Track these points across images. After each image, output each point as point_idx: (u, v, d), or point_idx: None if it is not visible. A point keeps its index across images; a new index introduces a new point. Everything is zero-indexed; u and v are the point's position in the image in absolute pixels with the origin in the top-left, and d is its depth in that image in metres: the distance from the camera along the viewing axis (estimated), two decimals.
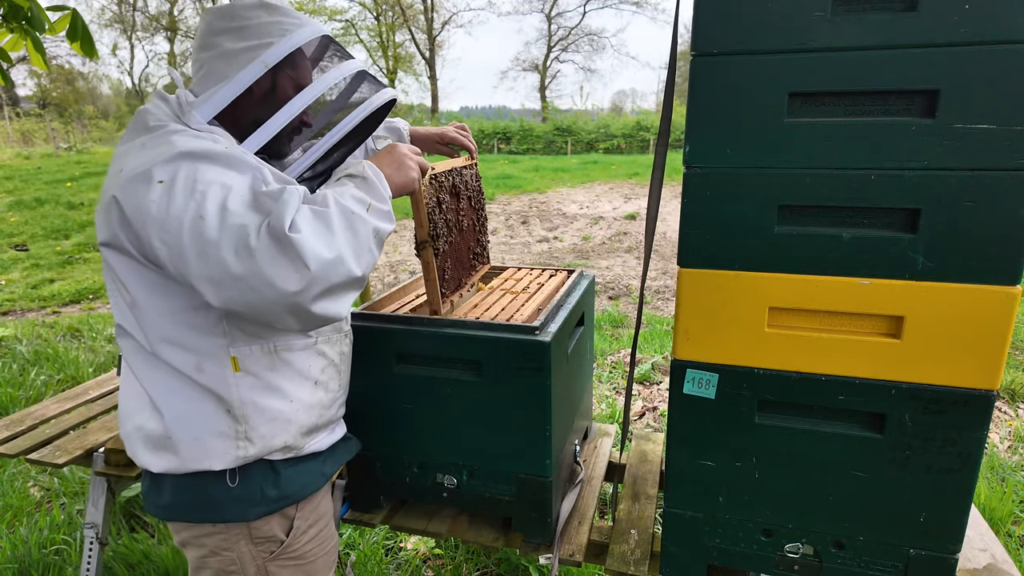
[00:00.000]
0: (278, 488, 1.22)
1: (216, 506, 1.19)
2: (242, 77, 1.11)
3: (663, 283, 6.56)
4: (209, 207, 0.99)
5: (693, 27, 1.10)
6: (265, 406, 1.17)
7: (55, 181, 13.79)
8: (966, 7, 0.97)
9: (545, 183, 15.11)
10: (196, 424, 1.15)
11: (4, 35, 2.52)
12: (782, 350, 1.19)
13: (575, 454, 1.73)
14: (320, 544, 1.33)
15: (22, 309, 5.98)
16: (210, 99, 1.11)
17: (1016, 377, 3.83)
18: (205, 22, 1.16)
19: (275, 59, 1.12)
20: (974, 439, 1.13)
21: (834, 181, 1.09)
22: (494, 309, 1.59)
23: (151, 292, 1.09)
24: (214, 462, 1.16)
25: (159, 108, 1.13)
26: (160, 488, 1.22)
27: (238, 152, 1.07)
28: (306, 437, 1.26)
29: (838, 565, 1.27)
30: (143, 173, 1.02)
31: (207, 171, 1.02)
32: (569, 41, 41.17)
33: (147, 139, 1.08)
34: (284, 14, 1.15)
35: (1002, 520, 2.51)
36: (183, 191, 1.00)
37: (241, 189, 1.02)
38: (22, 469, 2.96)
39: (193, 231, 0.98)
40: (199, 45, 1.16)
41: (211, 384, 1.13)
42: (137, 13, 38.37)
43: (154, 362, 1.14)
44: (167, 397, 1.14)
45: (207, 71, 1.14)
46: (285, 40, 1.12)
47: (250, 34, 1.12)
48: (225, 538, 1.22)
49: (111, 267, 1.11)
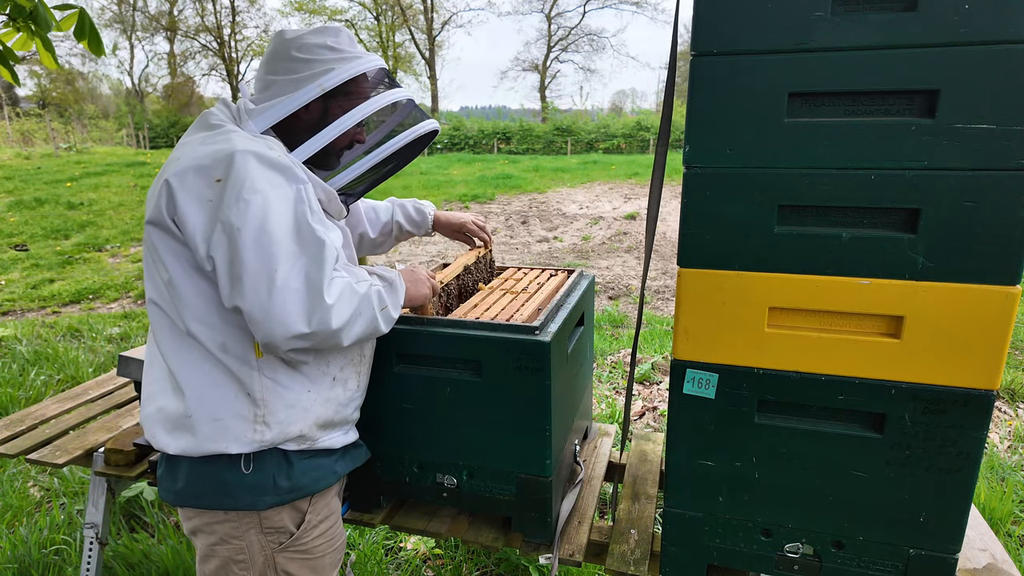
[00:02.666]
0: (290, 479, 1.26)
1: (229, 492, 1.22)
2: (298, 96, 1.24)
3: (663, 283, 6.56)
4: (250, 222, 1.10)
5: (693, 27, 1.10)
6: (284, 392, 1.23)
7: (55, 181, 13.80)
8: (966, 7, 0.97)
9: (545, 183, 15.11)
10: (217, 404, 1.20)
11: (12, 34, 2.53)
12: (782, 350, 1.19)
13: (575, 454, 1.73)
14: (329, 541, 1.35)
15: (22, 309, 5.98)
16: (267, 111, 1.24)
17: (1016, 377, 3.83)
18: (276, 46, 1.29)
19: (331, 84, 1.25)
20: (974, 439, 1.13)
21: (834, 181, 1.09)
22: (494, 309, 1.59)
23: (188, 273, 1.17)
24: (231, 444, 1.20)
25: (222, 111, 1.26)
26: (175, 472, 1.25)
27: (288, 161, 1.18)
28: (321, 430, 1.30)
29: (838, 565, 1.27)
30: (200, 167, 1.13)
31: (258, 176, 1.12)
32: (569, 41, 41.20)
33: (207, 135, 1.20)
34: (346, 48, 1.29)
35: (1002, 520, 2.51)
36: (232, 195, 1.10)
37: (283, 210, 1.13)
38: (22, 469, 2.96)
39: (231, 241, 1.10)
40: (268, 67, 1.29)
41: (234, 366, 1.20)
42: (137, 13, 38.39)
43: (184, 340, 1.20)
44: (191, 376, 1.20)
45: (272, 91, 1.27)
46: (342, 68, 1.26)
47: (314, 63, 1.26)
48: (236, 526, 1.25)
49: (153, 245, 1.19)
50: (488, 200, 12.72)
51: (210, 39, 39.48)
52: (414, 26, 38.46)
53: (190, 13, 40.20)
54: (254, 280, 1.10)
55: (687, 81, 1.19)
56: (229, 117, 1.25)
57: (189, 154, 1.15)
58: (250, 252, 1.09)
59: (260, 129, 1.24)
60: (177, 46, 39.59)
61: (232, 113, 1.27)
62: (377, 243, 1.76)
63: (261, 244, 1.10)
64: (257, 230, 1.10)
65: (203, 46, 39.81)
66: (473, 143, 29.14)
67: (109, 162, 17.63)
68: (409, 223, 1.77)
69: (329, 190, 1.27)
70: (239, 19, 40.79)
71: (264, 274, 1.10)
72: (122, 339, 4.85)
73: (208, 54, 40.25)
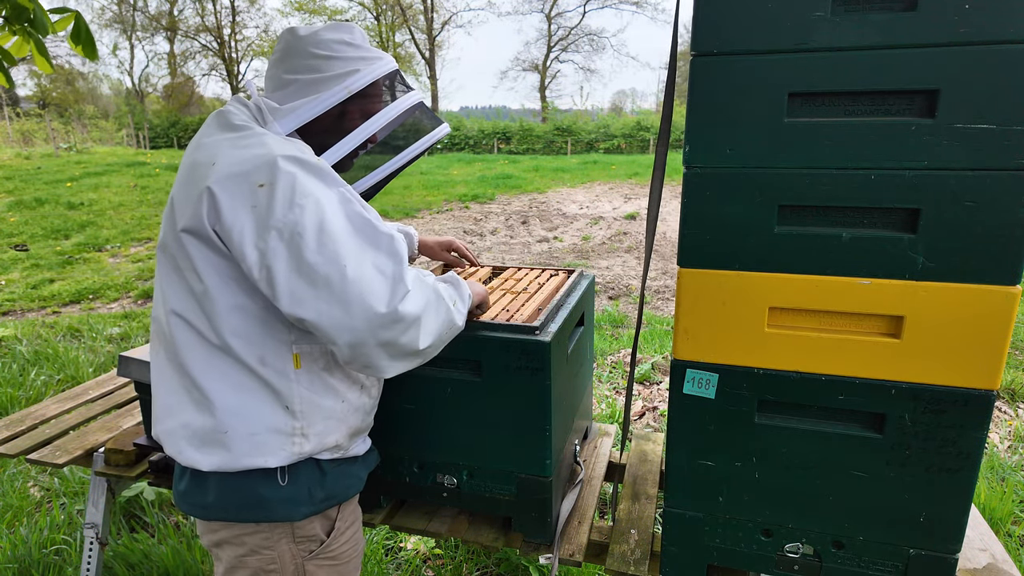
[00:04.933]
0: (324, 489, 1.25)
1: (265, 505, 1.19)
2: (324, 97, 1.21)
3: (663, 283, 6.56)
4: (308, 223, 1.06)
5: (693, 27, 1.10)
6: (321, 404, 1.20)
7: (55, 181, 13.79)
8: (966, 7, 0.97)
9: (545, 183, 15.11)
10: (253, 419, 1.15)
11: (8, 38, 2.52)
12: (782, 350, 1.19)
13: (575, 454, 1.73)
14: (354, 546, 1.36)
15: (22, 309, 5.98)
16: (295, 112, 1.20)
17: (1016, 377, 3.83)
18: (290, 43, 1.25)
19: (358, 87, 1.23)
20: (974, 439, 1.13)
21: (834, 181, 1.09)
22: (494, 309, 1.59)
23: (225, 284, 1.12)
24: (269, 459, 1.16)
25: (240, 110, 1.21)
26: (204, 487, 1.20)
27: (325, 165, 1.15)
28: (352, 439, 1.30)
29: (838, 565, 1.27)
30: (241, 173, 1.08)
31: (305, 181, 1.08)
32: (569, 41, 41.20)
33: (235, 137, 1.14)
34: (365, 49, 1.28)
35: (1002, 520, 2.51)
36: (283, 200, 1.06)
37: (336, 211, 1.10)
38: (22, 469, 2.96)
39: (291, 247, 1.06)
40: (284, 65, 1.25)
41: (272, 379, 1.16)
42: (137, 13, 38.39)
43: (215, 353, 1.15)
44: (224, 390, 1.15)
45: (292, 90, 1.24)
46: (367, 70, 1.25)
47: (336, 61, 1.23)
48: (267, 537, 1.23)
49: (187, 254, 1.12)
50: (488, 200, 12.72)
51: (210, 39, 39.52)
52: (414, 26, 38.47)
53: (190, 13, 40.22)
54: (324, 281, 1.06)
55: (687, 81, 1.19)
56: (250, 117, 1.21)
57: (226, 159, 1.10)
58: (315, 255, 1.06)
59: (286, 130, 1.20)
60: (177, 46, 39.62)
61: (252, 112, 1.22)
62: None
63: (325, 245, 1.06)
64: (318, 232, 1.06)
65: (203, 46, 39.84)
66: (473, 143, 29.15)
67: (109, 162, 17.64)
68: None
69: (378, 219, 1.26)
70: (239, 19, 40.85)
71: (335, 272, 1.06)
72: (122, 339, 4.85)
73: (208, 54, 40.30)
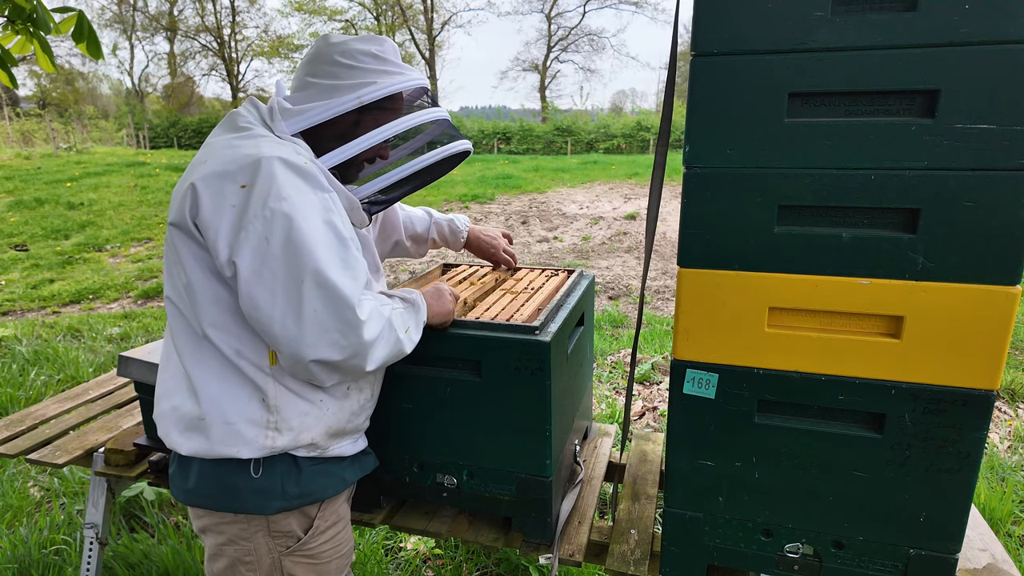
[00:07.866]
0: (299, 485, 1.26)
1: (238, 495, 1.22)
2: (334, 104, 1.23)
3: (663, 283, 6.56)
4: (277, 229, 1.09)
5: (693, 27, 1.10)
6: (297, 400, 1.22)
7: (55, 181, 13.79)
8: (966, 7, 0.97)
9: (545, 183, 15.10)
10: (230, 409, 1.19)
11: (11, 37, 2.52)
12: (782, 350, 1.19)
13: (575, 454, 1.73)
14: (336, 547, 1.35)
15: (22, 309, 5.98)
16: (302, 114, 1.23)
17: (1016, 377, 3.83)
18: (319, 48, 1.28)
19: (370, 99, 1.24)
20: (974, 439, 1.13)
21: (834, 181, 1.09)
22: (494, 309, 1.59)
23: (206, 277, 1.16)
24: (242, 449, 1.19)
25: (250, 112, 1.25)
26: (187, 472, 1.25)
27: (315, 168, 1.17)
28: (332, 439, 1.30)
29: (838, 565, 1.27)
30: (225, 172, 1.11)
31: (285, 183, 1.11)
32: (569, 41, 41.19)
33: (234, 138, 1.18)
34: (391, 64, 1.29)
35: (1002, 520, 2.51)
36: (258, 203, 1.09)
37: (311, 217, 1.12)
38: (22, 469, 2.96)
39: (257, 249, 1.09)
40: (308, 68, 1.28)
41: (249, 371, 1.19)
42: (137, 13, 38.39)
43: (201, 343, 1.19)
44: (206, 378, 1.19)
45: (309, 92, 1.26)
46: (383, 83, 1.25)
47: (356, 71, 1.25)
48: (244, 528, 1.26)
49: (174, 246, 1.18)
50: (488, 200, 12.71)
51: (210, 39, 39.52)
52: (414, 26, 38.45)
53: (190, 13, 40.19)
54: (283, 290, 1.09)
55: (687, 81, 1.19)
56: (257, 118, 1.24)
57: (215, 158, 1.14)
58: (277, 261, 1.09)
59: (292, 131, 1.22)
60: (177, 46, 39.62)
61: (261, 113, 1.25)
62: (411, 251, 1.85)
63: (289, 253, 1.09)
64: (284, 239, 1.09)
65: (203, 46, 39.83)
66: (473, 143, 29.10)
67: (109, 162, 17.62)
68: (442, 240, 1.87)
69: (352, 199, 1.27)
70: (239, 19, 40.82)
71: (293, 284, 1.09)
72: (122, 339, 4.85)
73: (208, 54, 40.29)
